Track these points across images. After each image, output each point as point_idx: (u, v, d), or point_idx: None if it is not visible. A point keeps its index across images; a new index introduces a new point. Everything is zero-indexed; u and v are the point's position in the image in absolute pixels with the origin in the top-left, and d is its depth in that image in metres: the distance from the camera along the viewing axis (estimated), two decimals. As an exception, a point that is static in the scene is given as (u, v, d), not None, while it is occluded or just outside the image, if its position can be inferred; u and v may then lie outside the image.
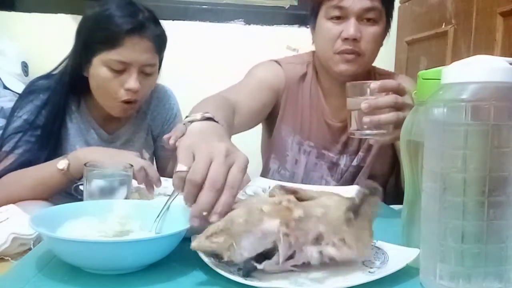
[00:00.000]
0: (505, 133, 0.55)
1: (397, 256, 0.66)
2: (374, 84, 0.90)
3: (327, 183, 1.30)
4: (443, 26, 1.66)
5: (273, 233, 0.61)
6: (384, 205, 1.05)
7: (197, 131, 0.77)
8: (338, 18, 1.18)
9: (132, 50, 1.14)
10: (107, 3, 1.16)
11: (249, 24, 2.12)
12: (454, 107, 0.56)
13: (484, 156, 0.54)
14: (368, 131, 0.91)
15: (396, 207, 1.05)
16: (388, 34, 1.27)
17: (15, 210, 0.91)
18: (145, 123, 1.37)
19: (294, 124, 1.31)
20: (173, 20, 2.09)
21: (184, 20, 2.14)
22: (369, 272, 0.64)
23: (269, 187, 1.15)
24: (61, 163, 1.06)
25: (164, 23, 1.25)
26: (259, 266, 0.61)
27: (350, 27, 1.16)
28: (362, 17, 1.17)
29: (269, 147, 1.36)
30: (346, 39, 1.16)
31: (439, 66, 0.68)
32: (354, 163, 1.29)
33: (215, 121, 0.81)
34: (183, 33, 2.12)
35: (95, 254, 0.61)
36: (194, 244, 0.62)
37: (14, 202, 0.98)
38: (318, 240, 0.64)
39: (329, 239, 0.64)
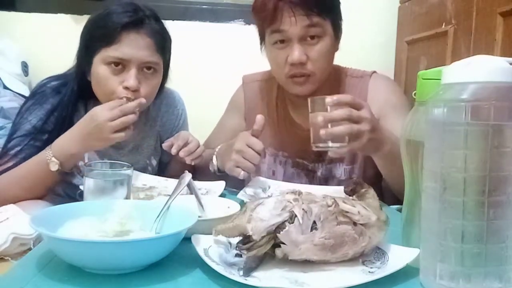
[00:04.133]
0: (505, 133, 0.55)
1: (397, 256, 0.67)
2: (329, 99, 0.92)
3: None
4: (443, 26, 1.66)
5: (284, 201, 0.65)
6: (384, 205, 1.05)
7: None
8: (282, 41, 1.17)
9: (130, 46, 1.12)
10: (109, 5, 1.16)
11: (249, 24, 2.12)
12: (454, 107, 0.56)
13: (484, 156, 0.54)
14: (326, 144, 0.95)
15: (396, 207, 1.05)
16: (339, 40, 1.24)
17: (15, 210, 0.91)
18: (155, 130, 1.34)
19: (262, 137, 1.33)
20: (173, 20, 2.08)
21: (184, 20, 2.14)
22: (369, 272, 0.64)
23: (269, 187, 1.16)
24: (53, 165, 1.05)
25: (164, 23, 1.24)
26: (285, 230, 0.63)
27: (294, 52, 1.14)
28: (305, 36, 1.14)
29: None
30: (292, 64, 1.15)
31: (439, 66, 0.68)
32: (342, 177, 1.29)
33: None
34: (183, 33, 2.12)
35: (95, 254, 0.61)
36: (217, 228, 0.66)
37: (12, 203, 0.97)
38: (330, 206, 0.66)
39: (341, 203, 0.67)
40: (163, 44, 1.19)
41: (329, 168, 1.30)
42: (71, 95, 1.19)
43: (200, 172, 1.26)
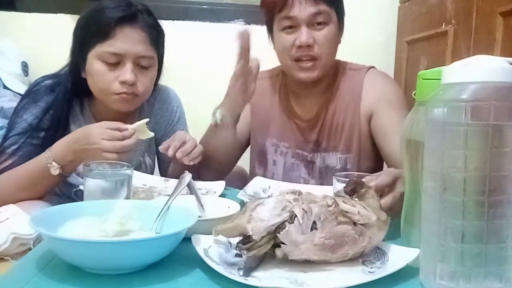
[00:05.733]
0: (505, 133, 0.55)
1: (397, 256, 0.67)
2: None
3: (305, 182, 1.34)
4: (443, 26, 1.66)
5: (284, 201, 0.65)
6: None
7: None
8: (290, 27, 1.23)
9: (124, 41, 1.12)
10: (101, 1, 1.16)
11: (249, 24, 2.12)
12: (454, 107, 0.56)
13: (484, 156, 0.54)
14: None
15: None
16: (342, 32, 1.30)
17: (15, 210, 0.91)
18: (149, 127, 1.35)
19: (266, 129, 1.39)
20: (173, 20, 2.09)
21: (184, 20, 2.14)
22: (369, 272, 0.64)
23: (269, 187, 1.16)
24: (54, 170, 1.04)
25: (164, 23, 1.24)
26: (284, 230, 0.63)
27: (302, 35, 1.21)
28: (312, 22, 1.21)
29: (252, 155, 1.45)
30: (300, 46, 1.21)
31: (439, 66, 0.68)
32: (338, 166, 1.31)
33: None
34: (183, 33, 2.12)
35: (95, 254, 0.61)
36: (217, 228, 0.66)
37: (11, 203, 0.97)
38: (330, 206, 0.66)
39: (341, 203, 0.67)
40: (157, 38, 1.20)
41: (323, 157, 1.33)
42: (65, 93, 1.20)
43: (202, 168, 1.25)
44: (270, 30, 1.31)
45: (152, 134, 1.10)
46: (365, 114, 1.29)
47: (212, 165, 1.24)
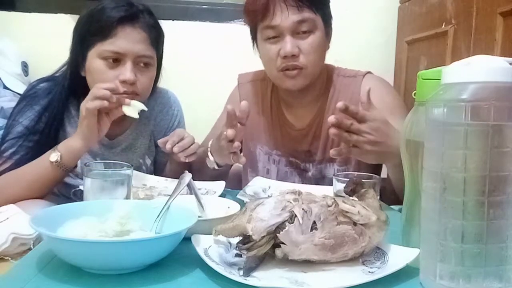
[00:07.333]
0: (505, 133, 0.55)
1: (397, 256, 0.67)
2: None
3: None
4: (443, 26, 1.66)
5: (284, 201, 0.65)
6: (384, 205, 1.05)
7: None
8: (274, 37, 1.18)
9: (125, 40, 1.13)
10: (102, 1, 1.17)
11: (249, 24, 2.12)
12: (454, 107, 0.56)
13: (484, 156, 0.54)
14: None
15: (396, 207, 1.05)
16: (330, 38, 1.25)
17: (15, 210, 0.91)
18: (148, 129, 1.34)
19: (258, 136, 1.35)
20: (173, 20, 2.09)
21: (184, 20, 2.14)
22: (369, 272, 0.64)
23: (269, 187, 1.16)
24: (53, 156, 1.06)
25: (164, 23, 1.25)
26: (284, 230, 0.63)
27: (286, 45, 1.16)
28: (297, 30, 1.16)
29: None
30: (285, 56, 1.16)
31: (439, 66, 0.68)
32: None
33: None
34: (183, 33, 2.12)
35: (95, 254, 0.61)
36: (217, 228, 0.66)
37: (12, 203, 0.97)
38: (330, 206, 0.66)
39: (341, 203, 0.67)
40: (157, 38, 1.21)
41: (320, 168, 1.31)
42: (61, 93, 1.20)
43: (197, 172, 1.26)
44: (254, 39, 1.27)
45: (137, 117, 1.11)
46: None
47: (206, 178, 1.22)
